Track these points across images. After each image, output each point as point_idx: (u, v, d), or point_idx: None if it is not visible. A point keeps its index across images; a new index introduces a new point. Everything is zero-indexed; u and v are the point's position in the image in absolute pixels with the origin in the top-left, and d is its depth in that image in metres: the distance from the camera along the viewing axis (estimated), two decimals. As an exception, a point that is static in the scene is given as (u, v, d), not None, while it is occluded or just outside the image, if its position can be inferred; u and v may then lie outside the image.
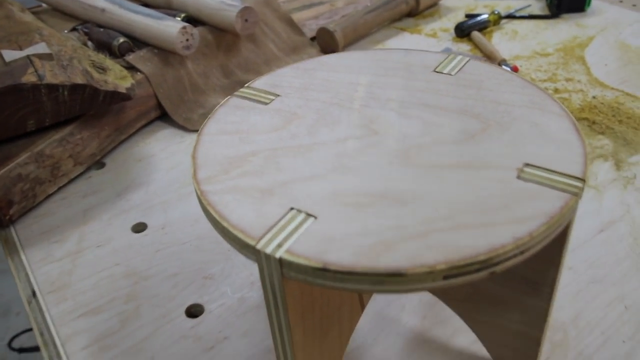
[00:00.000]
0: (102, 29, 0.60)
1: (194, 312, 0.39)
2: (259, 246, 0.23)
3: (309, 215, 0.24)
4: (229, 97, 0.33)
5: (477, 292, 0.31)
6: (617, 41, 0.64)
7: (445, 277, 0.22)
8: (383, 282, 0.22)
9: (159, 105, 0.57)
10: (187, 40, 0.56)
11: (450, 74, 0.33)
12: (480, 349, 0.34)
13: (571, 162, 0.26)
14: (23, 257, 0.44)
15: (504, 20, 0.71)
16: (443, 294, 0.33)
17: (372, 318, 0.37)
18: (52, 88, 0.46)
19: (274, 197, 0.25)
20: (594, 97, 0.55)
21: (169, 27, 0.55)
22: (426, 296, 0.38)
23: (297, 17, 0.69)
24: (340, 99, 0.32)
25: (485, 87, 0.31)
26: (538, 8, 0.73)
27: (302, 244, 0.23)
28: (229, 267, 0.41)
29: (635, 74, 0.58)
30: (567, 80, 0.58)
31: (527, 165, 0.26)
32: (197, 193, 0.26)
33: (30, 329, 1.14)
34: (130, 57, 0.56)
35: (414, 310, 0.37)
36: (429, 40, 0.68)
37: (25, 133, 0.48)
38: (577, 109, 0.54)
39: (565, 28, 0.68)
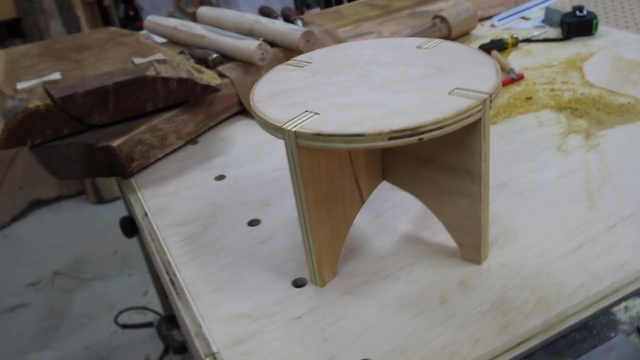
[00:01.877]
0: (200, 49, 0.80)
1: (253, 222, 0.55)
2: (283, 127, 0.39)
3: (315, 113, 0.40)
4: (278, 65, 0.50)
5: (439, 187, 0.45)
6: (614, 55, 0.77)
7: (390, 139, 0.37)
8: (352, 141, 0.37)
9: (240, 102, 0.75)
10: (262, 54, 0.75)
11: (427, 49, 0.48)
12: (450, 242, 0.48)
13: (485, 86, 0.40)
14: (139, 195, 0.62)
15: (522, 43, 0.85)
16: (418, 193, 0.47)
17: (376, 226, 0.52)
18: (165, 80, 0.66)
19: (296, 107, 0.41)
20: (582, 94, 0.68)
21: (250, 44, 0.74)
22: (418, 212, 0.52)
23: (351, 43, 0.87)
24: (351, 62, 0.48)
25: (448, 54, 0.47)
26: (553, 34, 0.87)
27: (308, 124, 0.39)
28: (281, 199, 0.58)
29: (622, 77, 0.71)
30: (563, 82, 0.71)
31: (457, 88, 0.41)
32: (253, 107, 0.43)
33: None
34: (221, 68, 0.76)
35: (408, 222, 0.52)
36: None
37: (144, 113, 0.67)
38: (565, 101, 0.67)
39: (573, 47, 0.81)
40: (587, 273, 0.43)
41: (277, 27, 0.80)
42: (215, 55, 0.77)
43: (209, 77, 0.70)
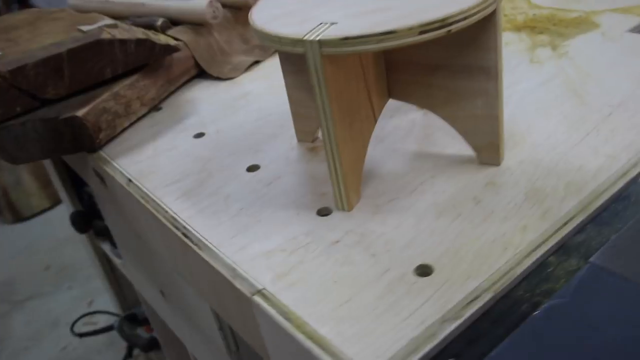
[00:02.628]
0: (143, 18, 0.75)
1: (252, 168, 0.52)
2: (305, 38, 0.37)
3: (332, 23, 0.39)
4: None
5: (452, 92, 0.45)
6: (551, -19, 0.81)
7: (420, 33, 0.36)
8: (382, 40, 0.36)
9: (197, 64, 0.72)
10: (214, 12, 0.71)
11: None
12: (462, 151, 0.48)
13: (493, -21, 0.41)
14: (115, 164, 0.58)
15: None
16: (429, 104, 0.47)
17: (382, 150, 0.51)
18: (123, 42, 0.61)
19: (308, 22, 0.40)
20: (534, 15, 0.71)
21: (198, 3, 0.71)
22: (419, 132, 0.52)
23: None
24: (341, -18, 0.46)
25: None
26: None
27: (331, 31, 0.37)
28: (274, 143, 0.55)
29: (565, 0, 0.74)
30: (512, 8, 0.74)
31: (466, -15, 0.40)
32: (258, 29, 0.41)
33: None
34: (170, 32, 0.72)
35: (412, 142, 0.51)
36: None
37: (103, 81, 0.62)
38: (520, 23, 0.69)
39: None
40: (602, 156, 0.45)
41: (221, -15, 0.77)
42: (162, 20, 0.73)
43: (164, 39, 0.67)
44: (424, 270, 0.38)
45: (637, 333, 0.29)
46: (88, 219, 0.87)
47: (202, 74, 0.73)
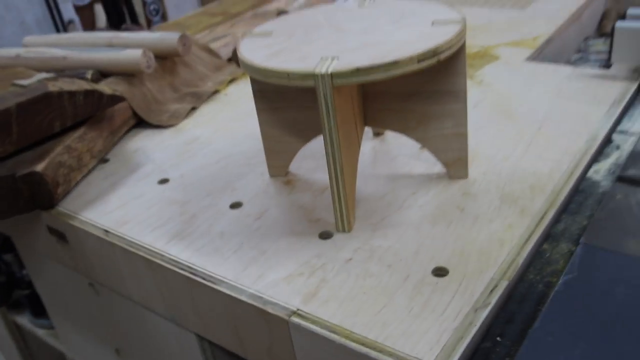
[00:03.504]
0: (69, 71, 0.74)
1: (235, 205, 0.54)
2: (316, 72, 0.41)
3: (333, 58, 0.43)
4: (244, 36, 0.51)
5: (424, 116, 0.51)
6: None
7: (419, 61, 0.42)
8: (388, 69, 0.41)
9: (134, 114, 0.71)
10: (147, 61, 0.72)
11: (370, 7, 0.54)
12: (429, 170, 0.54)
13: (454, 16, 0.47)
14: (82, 218, 0.56)
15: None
16: (403, 128, 0.52)
17: (359, 177, 0.55)
18: (71, 94, 0.60)
19: (309, 58, 0.43)
20: (441, 51, 0.80)
21: (133, 53, 0.71)
22: (384, 158, 0.57)
23: (211, 46, 0.88)
24: (313, 24, 0.51)
25: (393, 5, 0.53)
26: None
27: (340, 65, 0.41)
28: (246, 180, 0.57)
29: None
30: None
31: (435, 21, 0.47)
32: (261, 67, 0.43)
33: None
34: (103, 83, 0.71)
35: (382, 167, 0.56)
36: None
37: (52, 134, 0.60)
38: (434, 58, 0.78)
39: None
40: (548, 161, 0.53)
41: (145, 36, 0.78)
42: (92, 72, 0.72)
43: (108, 89, 0.66)
44: (440, 272, 0.42)
45: (636, 292, 0.36)
46: (8, 289, 0.80)
47: (140, 124, 0.72)
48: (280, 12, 0.93)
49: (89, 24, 2.28)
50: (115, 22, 2.04)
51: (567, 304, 0.36)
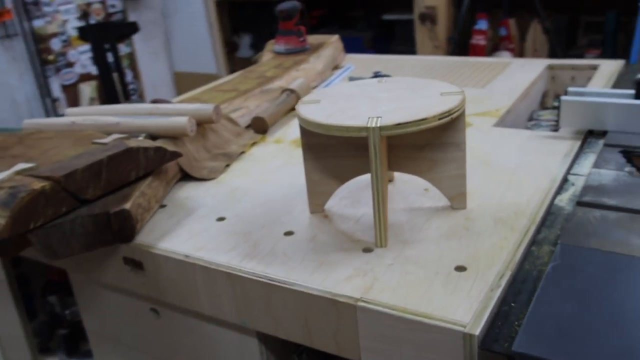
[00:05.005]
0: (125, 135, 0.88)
1: (289, 233, 0.68)
2: (368, 125, 0.58)
3: (377, 117, 0.60)
4: (299, 103, 0.67)
5: (433, 162, 0.68)
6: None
7: (439, 119, 0.59)
8: (419, 124, 0.58)
9: (180, 169, 0.86)
10: (191, 126, 0.87)
11: (386, 82, 0.72)
12: (435, 204, 0.71)
13: (455, 89, 0.66)
14: (159, 247, 0.69)
15: (352, 101, 1.14)
16: (417, 171, 0.69)
17: (390, 198, 0.71)
18: (146, 150, 0.74)
19: (358, 117, 0.60)
20: (424, 120, 0.99)
21: (180, 120, 0.86)
22: (397, 195, 0.74)
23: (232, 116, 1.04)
24: (349, 95, 0.68)
25: (404, 81, 0.71)
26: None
27: (384, 121, 0.58)
28: (293, 218, 0.72)
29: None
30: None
31: (442, 92, 0.65)
32: (326, 125, 0.60)
33: None
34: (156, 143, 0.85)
35: (398, 201, 0.73)
36: (314, 118, 1.07)
37: (128, 182, 0.74)
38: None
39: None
40: (524, 195, 0.71)
41: (183, 107, 0.93)
42: (144, 135, 0.86)
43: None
44: (460, 269, 0.58)
45: (599, 268, 0.53)
46: (51, 328, 0.89)
47: (184, 178, 0.86)
48: (284, 90, 1.11)
49: (73, 102, 2.41)
50: (109, 100, 2.19)
51: (556, 279, 0.53)
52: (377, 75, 1.20)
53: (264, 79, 1.21)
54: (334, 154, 0.69)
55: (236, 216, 0.74)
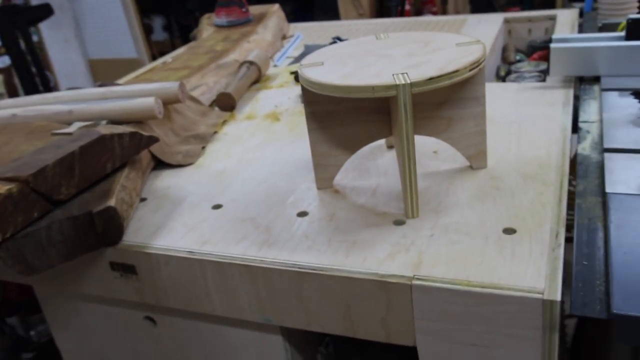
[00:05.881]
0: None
1: (302, 214, 0.61)
2: (397, 82, 0.51)
3: (404, 73, 0.53)
4: (297, 69, 0.60)
5: (451, 120, 0.62)
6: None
7: (470, 69, 0.53)
8: (451, 77, 0.52)
9: (153, 157, 0.75)
10: (159, 107, 0.77)
11: (388, 38, 0.65)
12: (453, 166, 0.65)
13: (470, 38, 0.60)
14: (154, 245, 0.59)
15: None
16: (434, 132, 0.63)
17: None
18: (120, 136, 0.64)
19: (380, 75, 0.53)
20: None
21: (145, 102, 0.76)
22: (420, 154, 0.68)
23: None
24: (354, 55, 0.61)
25: (409, 36, 0.65)
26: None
27: (415, 76, 0.52)
28: (300, 197, 0.65)
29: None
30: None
31: (457, 43, 0.59)
32: (343, 86, 0.53)
33: None
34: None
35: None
36: (281, 90, 0.99)
37: (103, 176, 0.63)
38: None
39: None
40: (541, 147, 0.67)
41: (142, 87, 0.83)
42: (106, 122, 0.75)
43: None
44: (509, 231, 0.53)
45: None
46: (16, 353, 0.77)
47: (157, 166, 0.76)
48: (243, 63, 1.02)
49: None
50: (28, 93, 1.96)
51: (624, 231, 0.49)
52: (336, 40, 1.13)
53: (215, 54, 1.11)
54: (342, 121, 0.62)
55: (233, 202, 0.66)
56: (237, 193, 0.67)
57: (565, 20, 1.14)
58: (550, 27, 1.19)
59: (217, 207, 0.65)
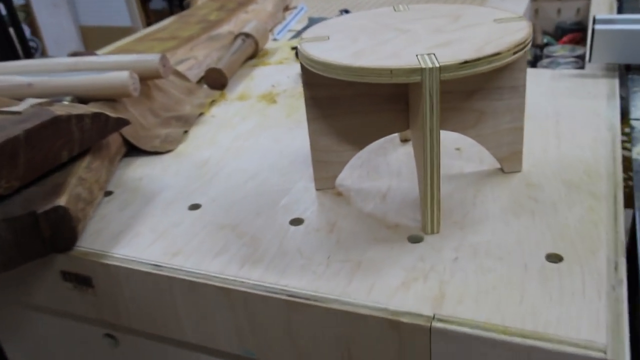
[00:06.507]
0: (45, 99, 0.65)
1: (297, 221, 0.50)
2: (423, 65, 0.40)
3: (429, 54, 0.42)
4: (299, 42, 0.48)
5: (481, 113, 0.51)
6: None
7: (514, 53, 0.42)
8: (491, 61, 0.41)
9: (125, 141, 0.64)
10: (134, 83, 0.66)
11: (409, 10, 0.54)
12: (479, 168, 0.54)
13: (509, 14, 0.49)
14: (114, 254, 0.48)
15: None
16: (460, 127, 0.52)
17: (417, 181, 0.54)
18: (79, 118, 0.53)
19: (401, 56, 0.42)
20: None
21: (118, 76, 0.64)
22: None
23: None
24: (368, 29, 0.50)
25: (433, 9, 0.53)
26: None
27: (446, 58, 0.41)
28: (295, 199, 0.54)
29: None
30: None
31: (495, 19, 0.48)
32: (351, 67, 0.41)
33: None
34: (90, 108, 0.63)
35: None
36: (279, 67, 0.88)
37: (58, 165, 0.52)
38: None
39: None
40: (585, 148, 0.56)
41: (118, 59, 0.71)
42: (71, 98, 0.64)
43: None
44: (554, 258, 0.42)
45: None
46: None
47: (131, 153, 0.65)
48: (238, 36, 0.90)
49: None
50: (7, 58, 1.83)
51: None
52: (343, 13, 1.01)
53: (207, 24, 0.99)
54: (349, 109, 0.51)
55: (214, 201, 0.55)
56: (220, 190, 0.56)
57: (602, -1, 1.02)
58: (583, 7, 1.07)
59: (195, 207, 0.54)
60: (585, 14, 1.05)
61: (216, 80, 0.81)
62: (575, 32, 1.00)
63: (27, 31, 2.04)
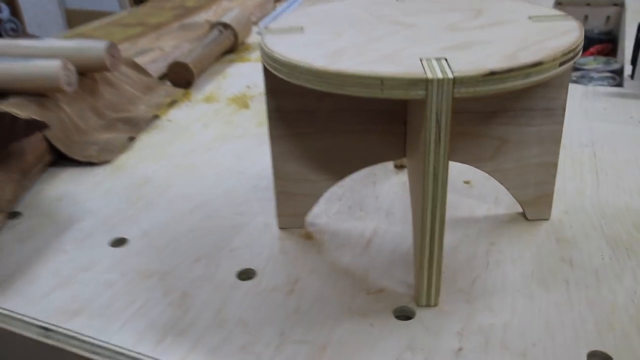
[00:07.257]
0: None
1: (246, 274, 0.37)
2: (430, 76, 0.27)
3: (439, 59, 0.29)
4: (266, 33, 0.35)
5: (503, 142, 0.38)
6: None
7: (561, 64, 0.29)
8: (529, 75, 0.28)
9: (51, 148, 0.51)
10: (68, 76, 0.53)
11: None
12: (494, 211, 0.42)
13: (546, 12, 0.36)
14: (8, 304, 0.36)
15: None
16: (473, 158, 0.39)
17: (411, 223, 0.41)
18: (-30, 118, 0.40)
19: (401, 61, 0.29)
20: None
21: (47, 65, 0.52)
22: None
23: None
24: (361, 20, 0.37)
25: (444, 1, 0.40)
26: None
27: (464, 67, 0.28)
28: (250, 240, 0.41)
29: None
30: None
31: (530, 16, 0.35)
32: (328, 72, 0.29)
33: None
34: (3, 106, 0.50)
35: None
36: (259, 64, 0.75)
37: (-63, 181, 0.39)
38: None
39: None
40: (633, 192, 0.43)
41: (57, 44, 0.58)
42: (-16, 90, 0.51)
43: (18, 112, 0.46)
44: (600, 357, 0.30)
45: None
46: None
47: (59, 162, 0.52)
48: (214, 26, 0.77)
49: None
50: None
51: None
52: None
53: (182, 10, 0.86)
54: (326, 127, 0.38)
55: (145, 236, 0.42)
56: (156, 221, 0.43)
57: (638, 7, 0.89)
58: (613, 15, 0.94)
59: (119, 242, 0.41)
60: (616, 23, 0.93)
61: (181, 77, 0.68)
62: (604, 43, 0.87)
63: (5, 11, 1.91)
